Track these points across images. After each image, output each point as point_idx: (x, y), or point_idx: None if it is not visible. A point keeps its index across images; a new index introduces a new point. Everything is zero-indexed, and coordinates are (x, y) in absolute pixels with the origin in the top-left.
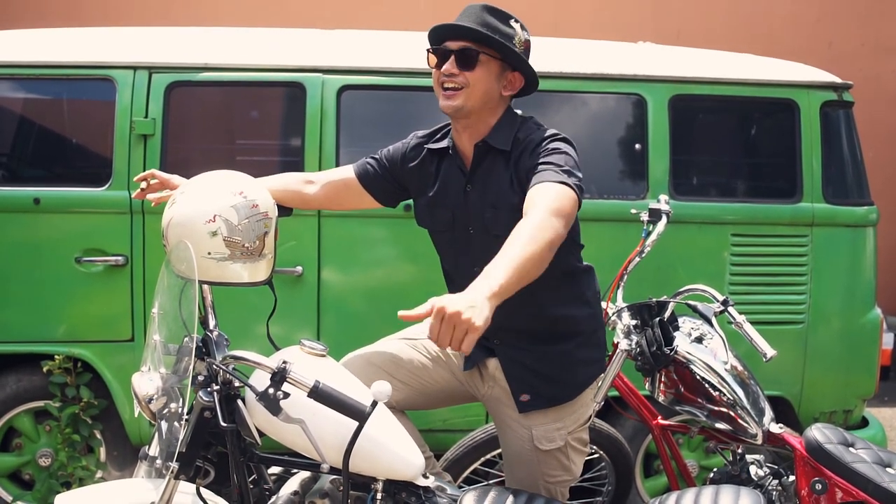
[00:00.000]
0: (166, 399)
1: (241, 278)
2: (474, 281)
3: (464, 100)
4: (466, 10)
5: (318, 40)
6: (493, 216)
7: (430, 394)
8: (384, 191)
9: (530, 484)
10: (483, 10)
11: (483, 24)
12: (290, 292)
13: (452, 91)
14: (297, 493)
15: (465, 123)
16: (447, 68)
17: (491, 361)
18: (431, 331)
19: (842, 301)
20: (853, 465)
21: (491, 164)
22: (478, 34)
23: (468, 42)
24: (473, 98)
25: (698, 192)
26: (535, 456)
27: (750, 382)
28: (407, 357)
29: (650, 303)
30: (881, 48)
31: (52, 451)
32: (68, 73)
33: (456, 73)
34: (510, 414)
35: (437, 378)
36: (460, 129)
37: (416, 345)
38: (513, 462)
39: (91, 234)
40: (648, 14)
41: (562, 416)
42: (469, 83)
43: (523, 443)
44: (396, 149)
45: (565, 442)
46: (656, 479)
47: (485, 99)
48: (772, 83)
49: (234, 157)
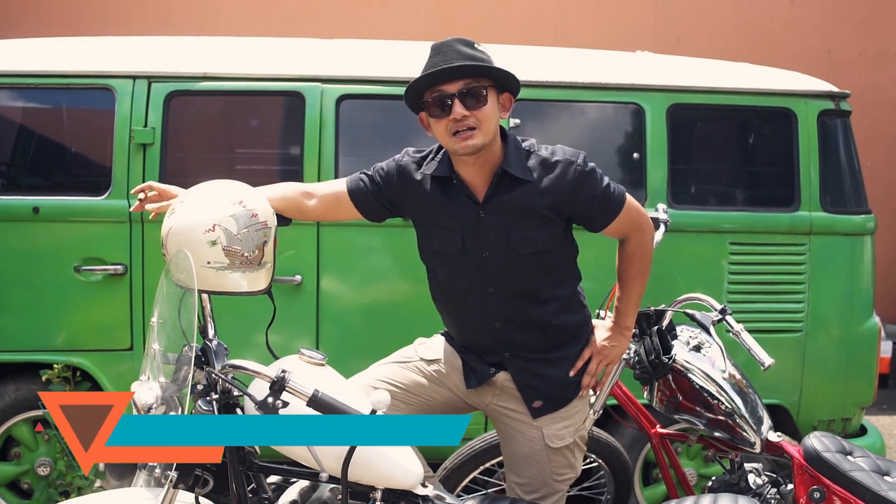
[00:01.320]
0: (165, 408)
1: (241, 287)
2: (613, 320)
3: (482, 138)
4: (441, 49)
5: (318, 49)
6: (522, 237)
7: (430, 411)
8: (372, 208)
9: (540, 484)
10: (458, 44)
11: (468, 58)
12: (290, 301)
13: (468, 132)
14: (296, 502)
15: (476, 157)
16: (458, 112)
17: (500, 375)
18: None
19: (840, 309)
20: (851, 473)
21: (510, 189)
22: (476, 69)
23: (468, 80)
24: (488, 133)
25: (696, 201)
26: (547, 455)
27: (748, 391)
28: (403, 378)
29: (648, 311)
30: (880, 56)
31: (50, 461)
32: (68, 83)
33: (468, 115)
34: (520, 419)
35: (435, 395)
36: (470, 162)
37: (409, 366)
38: (522, 465)
39: (90, 243)
40: (649, 21)
41: (569, 415)
42: (481, 120)
43: (534, 444)
44: (389, 167)
45: (573, 439)
46: (655, 488)
47: (495, 129)
48: (769, 92)
49: (233, 167)
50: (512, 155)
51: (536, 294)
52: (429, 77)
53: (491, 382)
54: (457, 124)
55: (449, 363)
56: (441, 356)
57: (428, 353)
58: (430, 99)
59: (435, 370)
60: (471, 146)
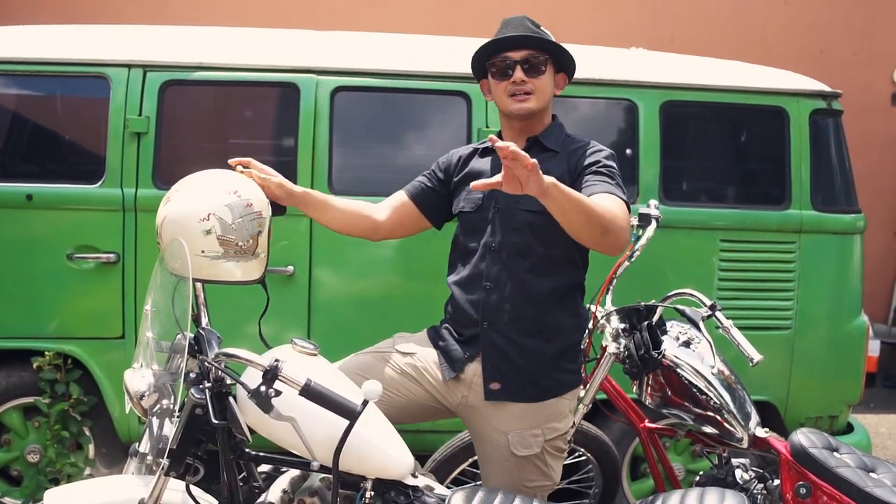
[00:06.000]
0: (158, 396)
1: (235, 277)
2: None
3: (536, 102)
4: (511, 22)
5: (313, 41)
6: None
7: (401, 407)
8: (430, 200)
9: (512, 490)
10: (526, 20)
11: (535, 33)
12: (282, 292)
13: (524, 96)
14: (287, 491)
15: (525, 123)
16: (518, 76)
17: (470, 367)
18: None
19: (829, 307)
20: (837, 469)
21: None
22: (540, 42)
23: (533, 50)
24: (542, 100)
25: (688, 198)
26: (513, 462)
27: (737, 387)
28: (376, 369)
29: (639, 306)
30: (873, 57)
31: (40, 448)
32: (63, 70)
33: (526, 81)
34: (486, 422)
35: (405, 392)
36: (518, 128)
37: (385, 358)
38: (491, 469)
39: (83, 231)
40: (644, 19)
41: (537, 423)
42: (537, 88)
43: (500, 449)
44: (449, 155)
45: (542, 449)
46: (643, 482)
47: (548, 100)
48: (762, 91)
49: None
50: (553, 130)
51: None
52: (497, 42)
53: (461, 379)
54: (515, 87)
55: (426, 356)
56: (418, 350)
57: (405, 346)
58: (494, 62)
59: (409, 363)
60: (525, 108)
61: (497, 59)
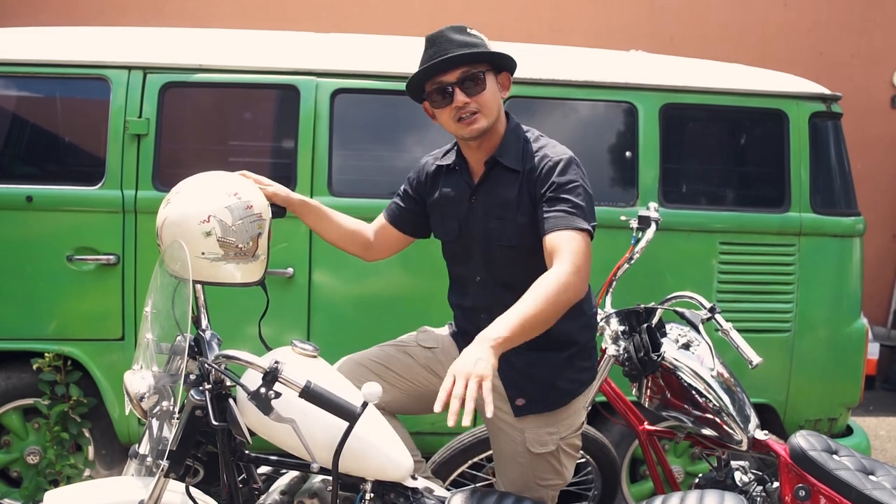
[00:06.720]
0: (158, 397)
1: (235, 279)
2: (483, 330)
3: (486, 120)
4: (435, 41)
5: (313, 43)
6: (499, 227)
7: (419, 397)
8: (407, 220)
9: (522, 486)
10: (451, 32)
11: (462, 45)
12: (281, 294)
13: (472, 117)
14: (287, 492)
15: (480, 140)
16: (459, 100)
17: None
18: (445, 392)
19: (828, 310)
20: (836, 472)
21: (498, 178)
22: (470, 56)
23: (465, 67)
24: (491, 115)
25: (687, 201)
26: (528, 459)
27: (736, 389)
28: (396, 360)
29: (638, 309)
30: (872, 59)
31: (40, 449)
32: (63, 72)
33: (469, 101)
34: (504, 418)
35: (424, 381)
36: (475, 147)
37: (406, 349)
38: (505, 465)
39: (83, 233)
40: (643, 21)
41: (555, 422)
42: (482, 105)
43: (516, 446)
44: (414, 169)
45: (557, 447)
46: (642, 485)
47: (497, 111)
48: (761, 93)
49: (227, 159)
50: (508, 143)
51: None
52: (426, 70)
53: None
54: (460, 111)
55: (447, 353)
56: (439, 345)
57: (427, 340)
58: (431, 90)
59: (430, 357)
60: (476, 129)
61: (433, 86)
